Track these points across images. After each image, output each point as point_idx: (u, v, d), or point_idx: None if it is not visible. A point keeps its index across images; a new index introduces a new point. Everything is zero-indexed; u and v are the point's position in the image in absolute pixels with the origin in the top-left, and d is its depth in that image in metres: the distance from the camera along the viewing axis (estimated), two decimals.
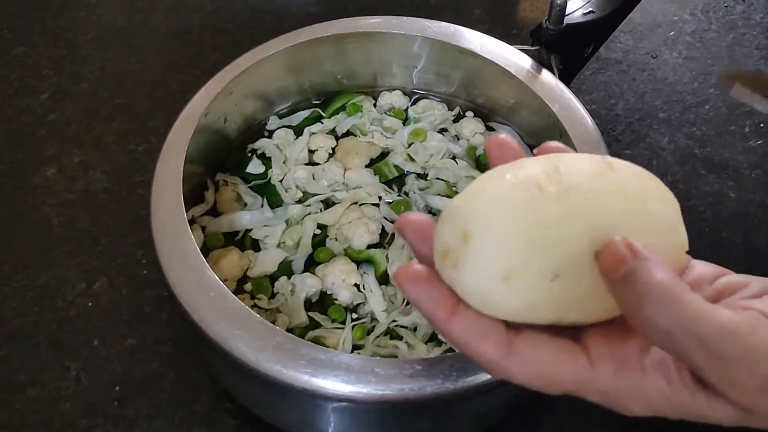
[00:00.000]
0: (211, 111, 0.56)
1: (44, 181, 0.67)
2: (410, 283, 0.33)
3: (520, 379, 0.33)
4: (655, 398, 0.32)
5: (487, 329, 0.33)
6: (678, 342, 0.30)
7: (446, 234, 0.33)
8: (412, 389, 0.42)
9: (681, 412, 0.32)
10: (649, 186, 0.34)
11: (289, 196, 0.59)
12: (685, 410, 0.32)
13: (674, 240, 0.34)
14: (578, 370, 0.32)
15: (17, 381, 0.55)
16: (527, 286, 0.31)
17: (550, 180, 0.32)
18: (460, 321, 0.32)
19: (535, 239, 0.31)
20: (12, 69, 0.76)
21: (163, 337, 0.58)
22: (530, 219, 0.31)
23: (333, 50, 0.63)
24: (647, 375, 0.32)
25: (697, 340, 0.30)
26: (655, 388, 0.32)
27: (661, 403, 0.32)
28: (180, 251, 0.47)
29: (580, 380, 0.32)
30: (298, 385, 0.42)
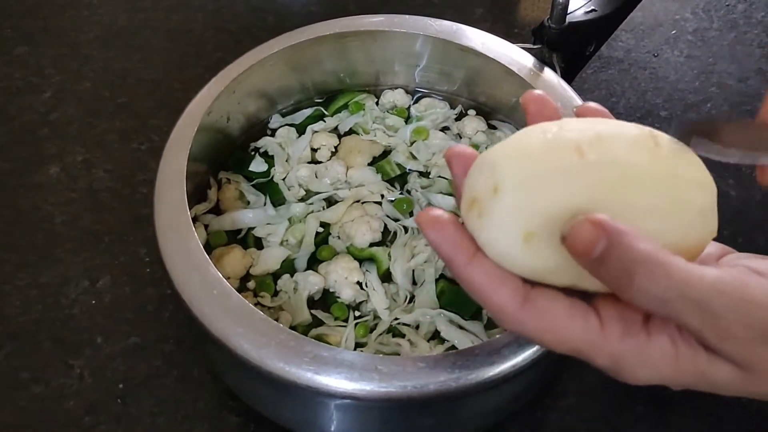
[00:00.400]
0: (214, 110, 0.56)
1: (47, 180, 0.67)
2: (432, 226, 0.33)
3: (532, 331, 0.33)
4: (659, 361, 0.32)
5: (504, 277, 0.33)
6: (673, 308, 0.31)
7: (477, 183, 0.33)
8: (414, 387, 0.42)
9: (684, 376, 0.32)
10: (689, 167, 0.34)
11: (291, 195, 0.59)
12: (689, 373, 0.32)
13: (704, 226, 0.34)
14: (589, 329, 0.32)
15: (21, 379, 0.56)
16: (546, 249, 0.32)
17: (591, 147, 0.32)
18: (480, 266, 0.33)
19: (563, 206, 0.31)
20: (14, 68, 0.76)
21: (166, 335, 0.58)
22: (562, 185, 0.31)
23: (335, 49, 0.63)
24: (652, 338, 0.32)
25: (691, 303, 0.30)
26: (659, 351, 0.32)
27: (665, 366, 0.32)
28: (183, 249, 0.47)
29: (589, 340, 0.32)
30: (301, 383, 0.42)
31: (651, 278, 0.30)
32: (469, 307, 0.53)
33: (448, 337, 0.52)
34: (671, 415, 0.55)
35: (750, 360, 0.32)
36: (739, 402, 0.56)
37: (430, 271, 0.55)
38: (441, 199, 0.59)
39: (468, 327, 0.52)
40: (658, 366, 0.33)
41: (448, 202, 0.59)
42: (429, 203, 0.59)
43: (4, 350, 0.57)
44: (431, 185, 0.60)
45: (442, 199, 0.59)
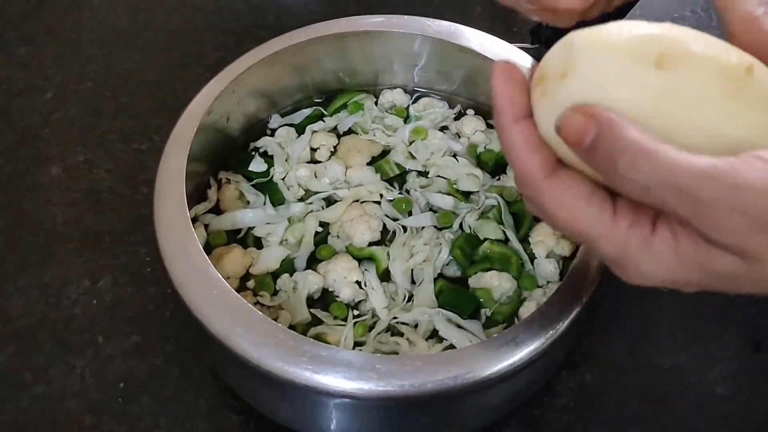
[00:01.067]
0: (214, 110, 0.57)
1: (49, 180, 0.68)
2: (502, 75, 0.35)
3: (547, 203, 0.34)
4: (661, 253, 0.32)
5: (541, 147, 0.34)
6: (660, 196, 0.30)
7: (551, 61, 0.34)
8: (413, 385, 0.42)
9: (687, 269, 0.32)
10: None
11: (291, 194, 0.60)
12: (691, 265, 0.32)
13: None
14: (602, 216, 0.33)
15: (23, 379, 0.56)
16: None
17: (672, 63, 0.31)
18: (524, 129, 0.34)
19: (621, 108, 0.31)
20: (17, 69, 0.77)
21: (167, 335, 0.58)
22: (627, 91, 0.31)
23: (334, 49, 0.63)
24: (656, 230, 0.32)
25: (677, 191, 0.30)
26: (661, 242, 0.32)
27: (666, 258, 0.32)
28: (183, 249, 0.48)
29: (599, 227, 0.33)
30: (299, 382, 0.43)
31: (633, 165, 0.30)
32: (467, 307, 0.53)
33: (447, 336, 0.52)
34: (668, 412, 0.56)
35: (749, 250, 0.30)
36: (737, 400, 0.56)
37: (429, 271, 0.55)
38: (440, 198, 0.59)
39: (466, 326, 0.53)
40: (660, 258, 0.32)
41: (447, 202, 0.59)
42: (428, 203, 0.59)
43: (5, 350, 0.57)
44: (430, 185, 0.61)
45: (441, 198, 0.59)
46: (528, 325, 0.45)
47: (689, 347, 0.59)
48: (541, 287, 0.55)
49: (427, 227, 0.57)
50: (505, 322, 0.53)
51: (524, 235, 0.57)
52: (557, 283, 0.55)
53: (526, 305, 0.53)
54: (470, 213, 0.58)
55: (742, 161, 0.30)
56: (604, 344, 0.59)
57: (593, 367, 0.58)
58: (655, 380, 0.57)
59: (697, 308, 0.61)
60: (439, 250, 0.56)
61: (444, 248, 0.56)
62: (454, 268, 0.56)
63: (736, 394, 0.57)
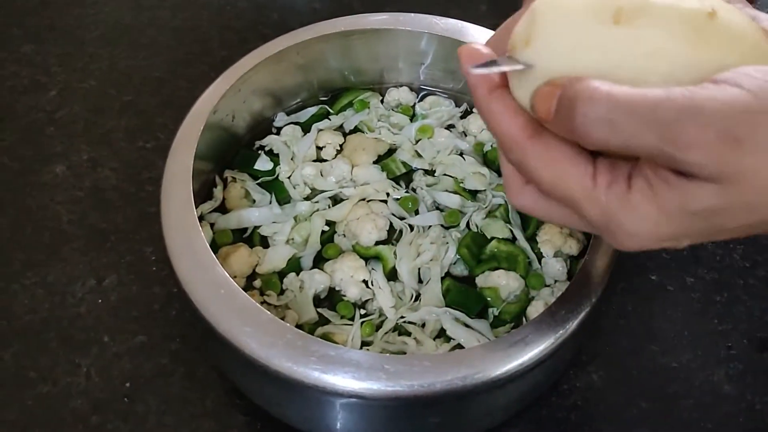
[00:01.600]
0: (220, 108, 0.57)
1: (53, 178, 0.68)
2: (468, 58, 0.35)
3: (532, 163, 0.34)
4: (642, 205, 0.32)
5: (521, 111, 0.35)
6: (623, 130, 0.31)
7: (518, 30, 0.35)
8: (421, 386, 0.42)
9: (672, 218, 0.32)
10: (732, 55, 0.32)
11: (297, 193, 0.60)
12: (674, 212, 0.32)
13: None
14: (585, 176, 0.33)
15: (28, 377, 0.56)
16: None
17: (631, 15, 0.32)
18: (500, 98, 0.35)
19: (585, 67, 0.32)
20: (21, 66, 0.77)
21: (173, 334, 0.58)
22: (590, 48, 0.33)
23: (340, 47, 0.63)
24: (632, 184, 0.33)
25: (638, 119, 0.30)
26: (640, 193, 0.32)
27: (648, 211, 0.32)
28: (190, 248, 0.48)
29: (583, 187, 0.33)
30: (308, 382, 0.43)
31: (592, 102, 0.31)
32: (474, 306, 0.53)
33: (454, 336, 0.52)
34: (675, 412, 0.56)
35: (722, 169, 0.30)
36: (744, 399, 0.56)
37: (436, 270, 0.55)
38: (447, 197, 0.59)
39: (474, 325, 0.53)
40: (640, 211, 0.32)
41: (453, 200, 0.59)
42: (434, 201, 0.59)
43: (11, 349, 0.57)
44: (437, 183, 0.61)
45: (447, 197, 0.59)
46: (537, 324, 0.45)
47: (695, 347, 0.59)
48: (548, 286, 0.55)
49: (434, 226, 0.57)
50: (513, 322, 0.53)
51: (531, 233, 0.57)
52: (565, 282, 0.55)
53: (534, 304, 0.53)
54: (477, 212, 0.58)
55: (698, 87, 0.31)
56: (611, 344, 0.59)
57: (600, 367, 0.58)
58: (662, 380, 0.57)
59: (703, 308, 0.61)
60: (446, 249, 0.56)
61: (451, 247, 0.56)
62: (461, 267, 0.56)
63: (742, 393, 0.57)
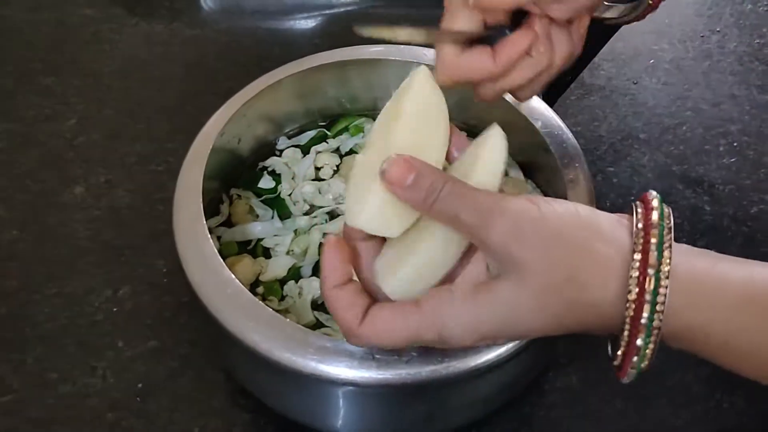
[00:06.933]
0: (227, 131, 0.61)
1: (72, 199, 0.72)
2: (332, 247, 0.42)
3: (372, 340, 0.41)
4: (464, 310, 0.39)
5: (354, 303, 0.41)
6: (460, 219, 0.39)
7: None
8: (408, 373, 0.46)
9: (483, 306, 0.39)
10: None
11: (297, 209, 0.64)
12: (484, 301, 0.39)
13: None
14: (409, 317, 0.40)
15: (49, 379, 0.59)
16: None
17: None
18: (342, 293, 0.41)
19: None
20: (42, 97, 0.81)
21: (182, 339, 0.62)
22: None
23: (337, 76, 0.67)
24: (455, 292, 0.40)
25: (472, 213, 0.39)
26: (462, 300, 0.39)
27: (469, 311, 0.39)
28: (200, 254, 0.52)
29: (412, 324, 0.40)
30: (306, 371, 0.46)
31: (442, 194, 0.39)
32: None
33: None
34: (649, 410, 0.59)
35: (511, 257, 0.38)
36: (713, 397, 0.59)
37: None
38: None
39: None
40: (457, 305, 0.39)
41: None
42: None
43: (33, 353, 0.61)
44: None
45: None
46: None
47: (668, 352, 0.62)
48: None
49: None
50: None
51: None
52: None
53: None
54: None
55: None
56: (589, 347, 0.61)
57: (578, 369, 0.61)
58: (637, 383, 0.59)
59: None
60: None
61: None
62: None
63: (711, 393, 0.60)
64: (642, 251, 0.38)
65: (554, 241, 0.38)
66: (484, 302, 0.39)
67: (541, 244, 0.38)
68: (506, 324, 0.39)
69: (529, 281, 0.38)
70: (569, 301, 0.38)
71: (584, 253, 0.38)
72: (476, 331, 0.39)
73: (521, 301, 0.38)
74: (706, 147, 0.78)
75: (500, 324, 0.39)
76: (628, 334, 0.38)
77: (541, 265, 0.38)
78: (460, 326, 0.39)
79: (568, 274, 0.38)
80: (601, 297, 0.38)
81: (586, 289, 0.38)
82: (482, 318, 0.39)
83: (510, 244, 0.38)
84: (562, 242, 0.38)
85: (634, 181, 0.75)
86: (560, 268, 0.38)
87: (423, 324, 0.40)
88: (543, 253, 0.38)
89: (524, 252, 0.38)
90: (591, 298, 0.38)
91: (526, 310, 0.39)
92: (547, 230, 0.38)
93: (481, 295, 0.39)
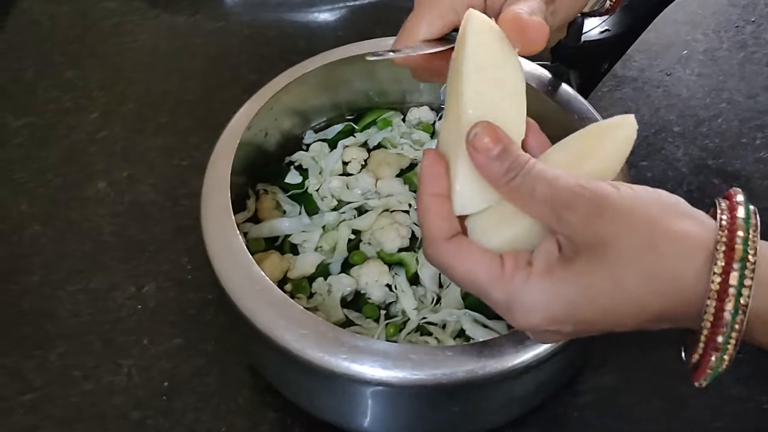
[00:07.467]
0: (254, 125, 0.60)
1: (95, 194, 0.71)
2: (431, 157, 0.42)
3: (445, 260, 0.41)
4: (538, 280, 0.38)
5: (450, 218, 0.41)
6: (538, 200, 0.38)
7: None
8: (444, 374, 0.45)
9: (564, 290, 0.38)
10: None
11: (324, 204, 0.63)
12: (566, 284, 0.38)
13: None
14: (493, 267, 0.39)
15: (73, 376, 0.59)
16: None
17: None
18: (438, 202, 0.41)
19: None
20: (64, 91, 0.81)
21: (208, 337, 0.61)
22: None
23: (364, 69, 0.66)
24: (533, 267, 0.39)
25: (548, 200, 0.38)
26: (538, 276, 0.38)
27: (544, 283, 0.38)
28: (228, 250, 0.51)
29: (490, 275, 0.39)
30: (339, 371, 0.45)
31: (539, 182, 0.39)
32: None
33: (473, 335, 0.55)
34: (686, 411, 0.58)
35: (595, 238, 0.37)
36: (752, 399, 0.58)
37: None
38: None
39: (492, 326, 0.55)
40: (536, 286, 0.38)
41: None
42: None
43: (57, 350, 0.60)
44: None
45: None
46: None
47: None
48: None
49: None
50: None
51: None
52: None
53: None
54: None
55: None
56: (624, 347, 0.61)
57: (613, 369, 0.60)
58: (673, 382, 0.59)
59: None
60: None
61: None
62: None
63: (750, 395, 0.59)
64: (727, 244, 0.36)
65: (634, 216, 0.37)
66: (557, 279, 0.38)
67: (620, 221, 0.37)
68: (578, 305, 0.38)
69: (606, 256, 0.37)
70: (647, 276, 0.37)
71: (666, 225, 0.37)
72: (545, 310, 0.38)
73: (596, 277, 0.37)
74: (742, 140, 0.76)
75: (572, 304, 0.38)
76: (709, 330, 0.37)
77: (620, 238, 0.37)
78: (530, 299, 0.38)
79: (648, 241, 0.37)
80: (681, 271, 0.37)
81: (666, 259, 0.37)
82: (553, 295, 0.38)
83: (589, 223, 0.37)
84: (643, 216, 0.37)
85: (669, 175, 0.73)
86: (638, 237, 0.37)
87: (499, 281, 0.39)
88: (621, 227, 0.37)
89: (603, 228, 0.37)
90: (671, 270, 0.37)
91: (599, 290, 0.37)
92: (628, 207, 0.37)
93: (555, 272, 0.38)
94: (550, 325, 0.39)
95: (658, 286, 0.37)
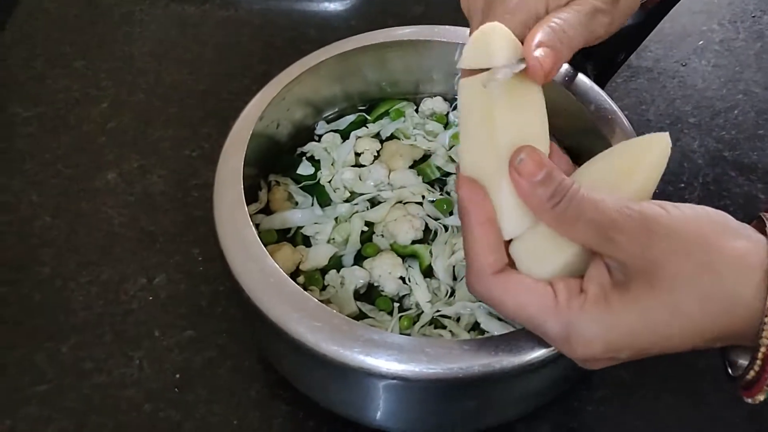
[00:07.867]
0: (266, 116, 0.59)
1: (105, 184, 0.71)
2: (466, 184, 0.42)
3: (495, 296, 0.40)
4: (594, 307, 0.38)
5: (497, 249, 0.41)
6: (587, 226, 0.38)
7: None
8: (460, 368, 0.44)
9: (621, 317, 0.37)
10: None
11: (337, 196, 0.62)
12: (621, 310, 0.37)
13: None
14: (544, 298, 0.39)
15: (85, 368, 0.59)
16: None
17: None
18: (486, 230, 0.41)
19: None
20: (73, 80, 0.80)
21: (220, 329, 0.61)
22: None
23: (377, 59, 0.65)
24: (587, 295, 0.38)
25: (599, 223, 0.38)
26: (594, 304, 0.38)
27: (599, 310, 0.38)
28: (241, 242, 0.50)
29: (542, 307, 0.39)
30: (353, 365, 0.45)
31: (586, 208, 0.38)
32: None
33: (488, 328, 0.54)
34: (703, 405, 0.57)
35: (648, 261, 0.37)
36: None
37: None
38: None
39: (506, 319, 0.55)
40: (593, 313, 0.37)
41: None
42: None
43: (68, 342, 0.60)
44: None
45: None
46: None
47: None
48: None
49: None
50: None
51: None
52: None
53: None
54: None
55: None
56: None
57: (628, 363, 0.58)
58: (690, 378, 0.59)
59: None
60: None
61: None
62: None
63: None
64: None
65: (686, 237, 0.37)
66: (614, 307, 0.37)
67: (673, 243, 0.37)
68: (637, 335, 0.37)
69: (661, 280, 0.36)
70: (704, 296, 0.36)
71: (720, 244, 0.37)
72: (605, 341, 0.38)
73: (653, 303, 0.37)
74: (759, 132, 0.75)
75: (632, 334, 0.37)
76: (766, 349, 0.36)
77: (674, 261, 0.36)
78: (588, 330, 0.38)
79: (704, 261, 0.36)
80: (739, 290, 0.36)
81: (724, 279, 0.36)
82: (612, 325, 0.37)
83: (641, 245, 0.37)
84: (695, 237, 0.37)
85: (684, 167, 0.72)
86: (694, 258, 0.36)
87: (554, 312, 0.39)
88: (675, 249, 0.36)
89: (655, 250, 0.37)
90: (729, 290, 0.36)
91: (658, 318, 0.37)
92: (679, 228, 0.37)
93: (611, 299, 0.38)
94: (609, 353, 0.38)
95: (716, 307, 0.36)
